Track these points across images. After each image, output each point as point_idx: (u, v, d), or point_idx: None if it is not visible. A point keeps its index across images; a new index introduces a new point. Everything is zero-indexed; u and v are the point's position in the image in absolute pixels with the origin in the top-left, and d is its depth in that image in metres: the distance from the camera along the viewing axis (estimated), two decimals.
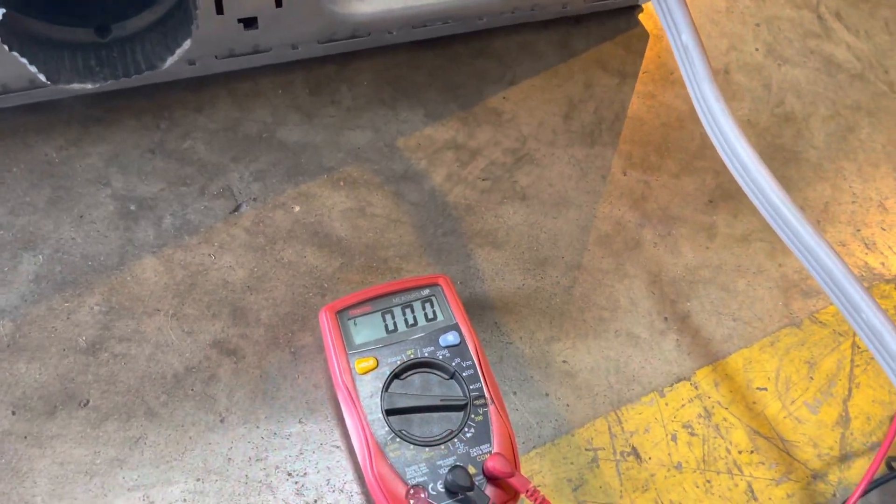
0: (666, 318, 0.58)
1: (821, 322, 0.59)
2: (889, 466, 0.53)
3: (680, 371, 0.56)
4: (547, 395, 0.54)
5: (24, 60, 0.50)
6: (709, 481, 0.52)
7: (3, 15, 0.47)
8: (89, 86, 0.54)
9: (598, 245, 0.61)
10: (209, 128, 0.63)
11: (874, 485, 0.51)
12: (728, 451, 0.53)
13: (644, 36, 0.75)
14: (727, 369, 0.57)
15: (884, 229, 0.65)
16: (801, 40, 0.78)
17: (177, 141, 0.62)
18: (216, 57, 0.63)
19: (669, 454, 0.52)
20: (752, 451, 0.53)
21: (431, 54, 0.70)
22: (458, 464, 0.46)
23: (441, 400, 0.48)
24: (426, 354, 0.50)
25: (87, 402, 0.50)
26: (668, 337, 0.57)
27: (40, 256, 0.55)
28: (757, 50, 0.76)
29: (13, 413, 0.49)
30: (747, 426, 0.54)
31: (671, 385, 0.55)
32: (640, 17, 0.76)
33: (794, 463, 0.53)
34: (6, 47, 0.49)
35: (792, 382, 0.56)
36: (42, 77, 0.52)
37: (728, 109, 0.46)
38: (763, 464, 0.53)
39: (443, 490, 0.45)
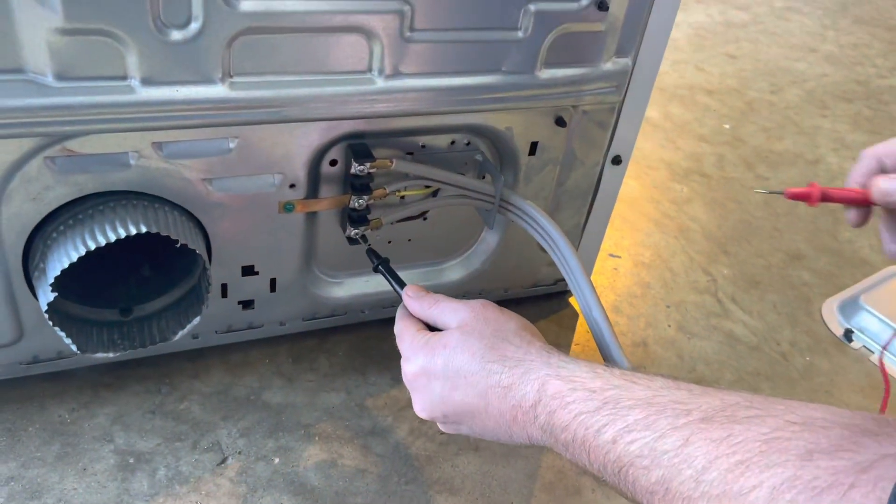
0: None
1: None
2: None
3: None
4: None
5: (62, 334, 0.62)
6: None
7: (53, 297, 0.59)
8: (111, 355, 0.65)
9: (542, 491, 0.69)
10: (203, 391, 0.73)
11: None
12: None
13: (574, 315, 0.90)
14: None
15: None
16: (706, 319, 0.94)
17: (175, 403, 0.72)
18: (216, 332, 0.75)
19: None
20: None
21: None
22: None
23: None
24: None
25: None
26: None
27: None
28: (669, 326, 0.92)
29: None
30: None
31: None
32: (571, 300, 0.92)
33: None
34: (50, 324, 0.61)
35: None
36: (73, 348, 0.63)
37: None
38: None
39: None
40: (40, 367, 0.69)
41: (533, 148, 0.74)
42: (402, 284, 0.61)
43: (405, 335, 0.56)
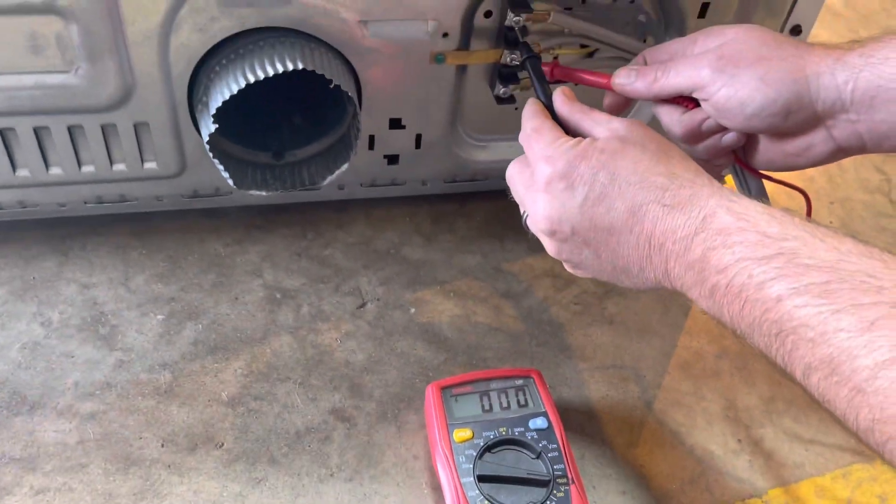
0: (739, 441, 0.63)
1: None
2: None
3: (752, 490, 0.60)
4: (624, 493, 0.58)
5: (220, 167, 0.64)
6: None
7: (214, 129, 0.62)
8: (263, 193, 0.68)
9: (677, 369, 0.67)
10: (347, 241, 0.76)
11: None
12: None
13: None
14: (798, 492, 0.60)
15: None
16: (874, 219, 0.86)
17: (319, 248, 0.75)
18: (360, 185, 0.76)
19: None
20: None
21: None
22: None
23: (527, 474, 0.54)
24: (516, 434, 0.56)
25: (223, 444, 0.58)
26: (741, 457, 0.61)
27: (200, 325, 0.67)
28: (831, 223, 0.85)
29: (162, 445, 0.58)
30: None
31: (743, 500, 0.59)
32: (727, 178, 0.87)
33: None
34: (210, 155, 0.63)
35: None
36: (230, 182, 0.66)
37: None
38: None
39: None
40: (199, 202, 0.73)
41: (703, 10, 0.69)
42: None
43: (545, 133, 0.46)
